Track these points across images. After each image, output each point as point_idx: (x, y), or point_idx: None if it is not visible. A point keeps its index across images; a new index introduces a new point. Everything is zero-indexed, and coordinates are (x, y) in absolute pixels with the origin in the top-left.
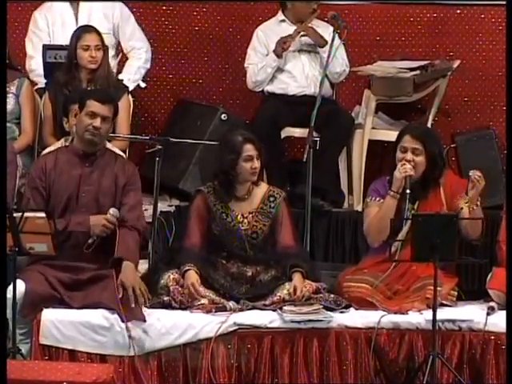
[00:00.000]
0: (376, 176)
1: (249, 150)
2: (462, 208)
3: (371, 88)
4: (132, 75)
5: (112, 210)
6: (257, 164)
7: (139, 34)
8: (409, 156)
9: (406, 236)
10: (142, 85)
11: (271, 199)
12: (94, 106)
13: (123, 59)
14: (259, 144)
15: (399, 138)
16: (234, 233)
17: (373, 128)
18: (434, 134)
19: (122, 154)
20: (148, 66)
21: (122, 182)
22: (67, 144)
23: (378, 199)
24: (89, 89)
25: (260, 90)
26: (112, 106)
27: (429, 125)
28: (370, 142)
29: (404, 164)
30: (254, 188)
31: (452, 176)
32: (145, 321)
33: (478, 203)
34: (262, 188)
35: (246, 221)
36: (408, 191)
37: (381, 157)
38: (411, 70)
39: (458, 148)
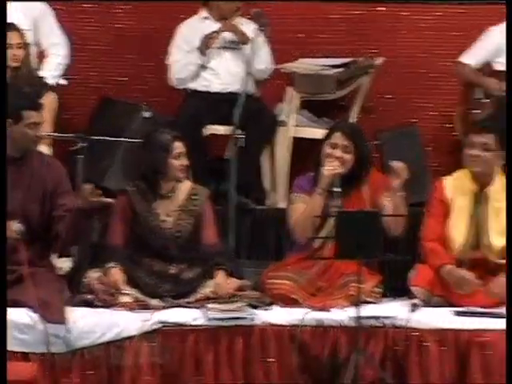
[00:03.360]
0: (300, 172)
1: (178, 147)
2: (385, 204)
3: (294, 85)
4: (52, 72)
5: (15, 226)
6: (185, 161)
7: (57, 31)
8: (338, 153)
9: (331, 233)
10: (63, 82)
11: (194, 197)
12: (32, 116)
13: (43, 56)
14: (186, 141)
15: (329, 134)
16: (157, 232)
17: (296, 125)
18: (362, 133)
19: (48, 153)
20: (67, 61)
21: (51, 185)
22: None
23: (303, 195)
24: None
25: (183, 87)
26: (42, 108)
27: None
28: (294, 139)
29: (332, 161)
30: (177, 185)
31: (375, 173)
32: (64, 323)
33: (402, 195)
34: (186, 185)
35: (169, 219)
36: (335, 189)
37: (304, 153)
38: (334, 67)
39: (382, 145)
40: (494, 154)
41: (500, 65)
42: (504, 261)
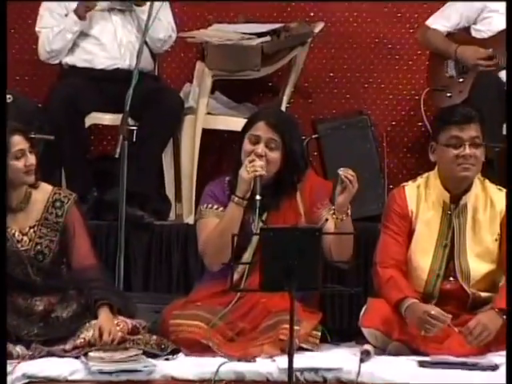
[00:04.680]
0: (213, 176)
1: (18, 143)
2: (326, 219)
3: (205, 60)
4: None
5: None
6: (32, 159)
7: None
8: (261, 149)
9: (254, 257)
10: None
11: (57, 205)
12: None
13: None
14: (27, 134)
15: (249, 125)
16: (13, 256)
17: (208, 113)
18: (295, 124)
19: None
20: None
21: None
22: None
23: (216, 207)
24: None
25: (57, 61)
26: None
27: (283, 108)
28: (205, 131)
29: (253, 160)
30: (32, 193)
31: (313, 177)
32: None
33: (349, 212)
34: (44, 191)
35: (25, 238)
36: (258, 197)
37: (219, 151)
38: (259, 35)
39: (322, 139)
40: (482, 150)
41: (478, 32)
42: (488, 293)
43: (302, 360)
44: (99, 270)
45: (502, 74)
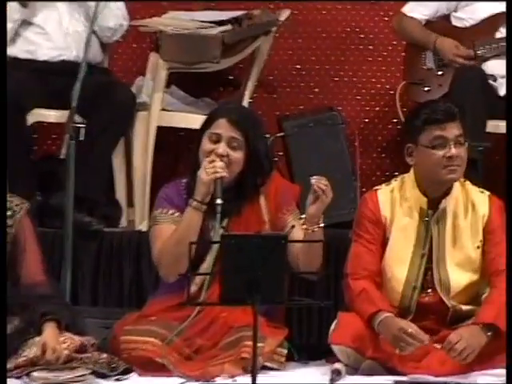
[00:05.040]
0: (168, 179)
1: None
2: (292, 226)
3: (160, 51)
4: None
5: None
6: None
7: None
8: (222, 149)
9: (214, 267)
10: None
11: (8, 214)
12: None
13: None
14: None
15: (208, 122)
16: None
17: (163, 109)
18: (258, 121)
19: None
20: None
21: None
22: None
23: (171, 212)
24: None
25: None
26: None
27: (245, 104)
28: (160, 129)
29: (213, 161)
30: None
31: (278, 180)
32: None
33: (321, 223)
34: None
35: None
36: (219, 201)
37: (175, 151)
38: (218, 24)
39: (288, 138)
40: (465, 150)
41: (460, 20)
42: (470, 306)
43: (266, 380)
44: (51, 286)
45: (486, 66)
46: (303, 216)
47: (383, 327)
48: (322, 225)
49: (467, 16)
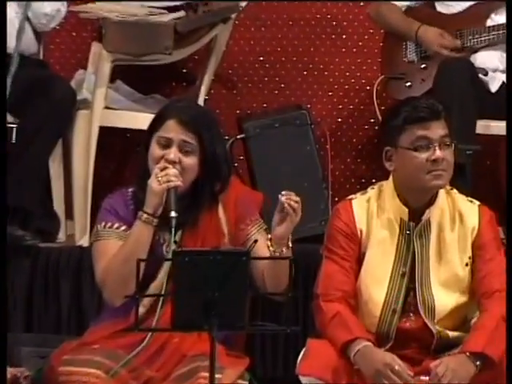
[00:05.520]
0: (113, 187)
1: None
2: (255, 240)
3: (103, 41)
4: None
5: None
6: None
7: None
8: (173, 154)
9: (167, 287)
10: None
11: None
12: None
13: None
14: None
15: (157, 123)
16: None
17: (106, 108)
18: (215, 121)
19: None
20: None
21: None
22: None
23: (117, 226)
24: None
25: None
26: None
27: (200, 101)
28: (103, 130)
29: (165, 168)
30: None
31: (239, 187)
32: None
33: (290, 244)
34: None
35: None
36: (173, 214)
37: (120, 155)
38: (170, 10)
39: (249, 140)
40: (451, 152)
41: (445, 6)
42: (457, 333)
43: None
44: None
45: (474, 59)
46: (269, 236)
47: (361, 358)
48: (290, 245)
49: (454, 1)
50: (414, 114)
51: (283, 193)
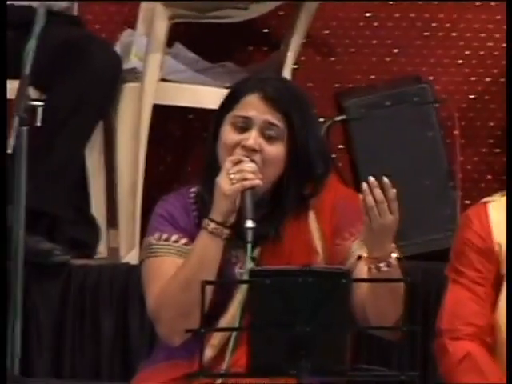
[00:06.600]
0: (169, 187)
1: None
2: (359, 257)
3: None
4: None
5: None
6: None
7: None
8: (252, 140)
9: (242, 320)
10: None
11: None
12: None
13: None
14: None
15: (231, 100)
16: None
17: (162, 80)
18: (306, 98)
19: None
20: None
21: None
22: None
23: (175, 238)
24: None
25: None
26: None
27: (287, 72)
28: (157, 109)
29: (240, 161)
30: None
31: (337, 188)
32: None
33: (393, 258)
34: None
35: None
36: (250, 224)
37: (180, 144)
38: None
39: (352, 124)
40: None
41: None
42: None
43: None
44: None
45: None
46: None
47: None
48: (394, 256)
49: None
50: None
51: (371, 178)
